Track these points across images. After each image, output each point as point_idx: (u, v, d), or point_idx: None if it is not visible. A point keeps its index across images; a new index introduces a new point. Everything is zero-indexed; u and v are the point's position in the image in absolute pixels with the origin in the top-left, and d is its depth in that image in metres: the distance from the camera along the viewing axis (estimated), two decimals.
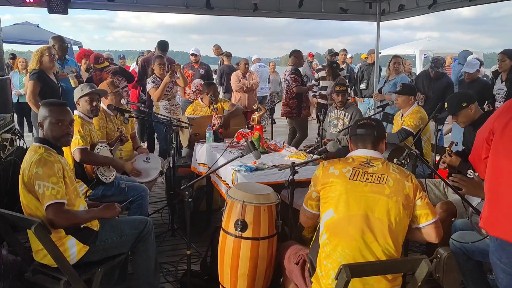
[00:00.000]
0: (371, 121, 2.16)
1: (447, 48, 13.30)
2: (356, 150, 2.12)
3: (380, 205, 1.92)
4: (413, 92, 4.18)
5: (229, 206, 2.42)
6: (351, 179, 1.96)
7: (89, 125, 3.28)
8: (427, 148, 4.12)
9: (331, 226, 1.97)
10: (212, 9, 6.22)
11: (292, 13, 6.98)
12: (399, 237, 1.93)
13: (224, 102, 5.03)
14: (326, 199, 2.00)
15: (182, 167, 4.26)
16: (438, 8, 6.18)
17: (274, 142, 3.98)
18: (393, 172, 1.98)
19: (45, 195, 2.14)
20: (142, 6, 6.16)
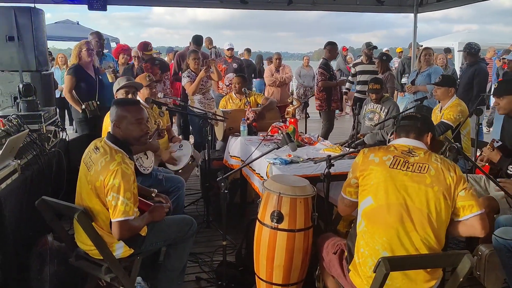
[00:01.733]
0: (417, 114, 2.14)
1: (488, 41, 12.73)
2: (399, 139, 2.08)
3: (420, 195, 1.87)
4: (453, 83, 4.04)
5: (265, 198, 2.43)
6: (391, 167, 1.93)
7: None
8: (466, 143, 3.98)
9: (369, 213, 1.95)
10: (246, 3, 6.24)
11: (327, 5, 6.91)
12: (440, 228, 1.88)
13: (258, 96, 5.05)
14: (365, 186, 1.98)
15: (216, 160, 4.31)
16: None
17: (308, 136, 3.95)
18: (435, 161, 1.93)
19: (118, 209, 2.13)
20: (177, 1, 6.28)
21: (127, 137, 2.35)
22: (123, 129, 2.33)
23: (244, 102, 4.70)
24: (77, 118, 4.56)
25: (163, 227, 2.50)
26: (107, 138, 2.34)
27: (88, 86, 4.44)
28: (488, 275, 2.70)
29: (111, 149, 2.26)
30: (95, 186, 2.19)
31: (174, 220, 2.64)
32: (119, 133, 2.33)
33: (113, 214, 2.15)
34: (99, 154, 2.24)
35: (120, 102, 2.45)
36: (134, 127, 2.34)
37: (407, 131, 2.06)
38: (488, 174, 2.68)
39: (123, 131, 2.33)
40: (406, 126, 2.08)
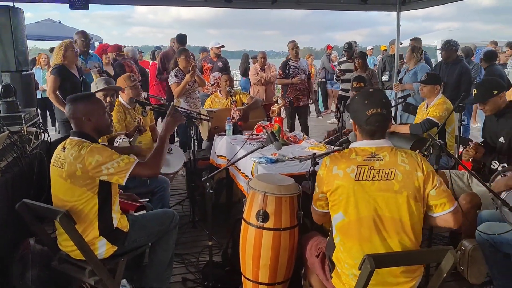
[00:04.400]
0: (381, 109, 1.89)
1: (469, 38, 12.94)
2: (361, 141, 1.96)
3: (389, 203, 1.84)
4: (438, 81, 4.08)
5: (251, 197, 2.42)
6: (357, 179, 1.85)
7: None
8: (451, 140, 4.03)
9: (343, 229, 1.91)
10: (230, 2, 6.21)
11: (311, 4, 6.93)
12: (415, 228, 1.87)
13: (243, 95, 5.03)
14: (334, 201, 1.92)
15: (202, 159, 4.29)
16: None
17: (293, 134, 3.96)
18: (402, 163, 1.86)
19: (121, 167, 2.21)
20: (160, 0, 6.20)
21: (100, 127, 2.41)
22: (95, 120, 2.37)
23: (230, 101, 4.68)
24: (61, 119, 4.48)
25: (144, 223, 2.54)
26: (71, 135, 2.37)
27: (73, 86, 4.36)
28: (471, 269, 2.74)
29: (78, 141, 2.30)
30: (76, 176, 2.20)
31: (155, 214, 2.69)
32: (90, 126, 2.36)
33: (122, 174, 2.21)
34: (67, 150, 2.27)
35: (83, 97, 2.48)
36: (104, 117, 2.43)
37: (373, 132, 1.92)
38: (470, 170, 2.71)
39: (95, 122, 2.38)
40: (372, 127, 1.91)
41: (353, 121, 2.02)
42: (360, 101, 1.94)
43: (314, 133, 8.21)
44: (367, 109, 1.89)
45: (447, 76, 5.38)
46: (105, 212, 2.31)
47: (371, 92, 1.99)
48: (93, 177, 2.21)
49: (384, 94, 2.03)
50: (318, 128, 9.16)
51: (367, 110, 1.89)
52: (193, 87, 5.31)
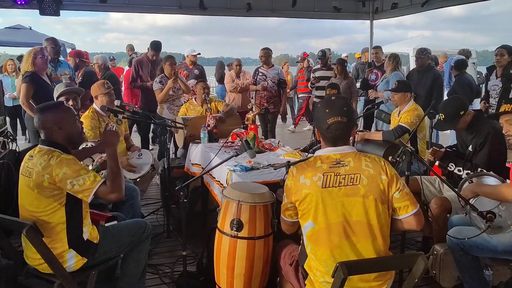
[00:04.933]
0: (341, 117, 1.90)
1: (440, 47, 13.31)
2: (325, 149, 1.98)
3: (357, 207, 1.86)
4: (409, 88, 4.17)
5: (225, 206, 2.40)
6: (324, 187, 1.86)
7: None
8: (422, 146, 4.12)
9: (313, 237, 1.92)
10: (205, 9, 6.23)
11: (286, 12, 7.01)
12: (383, 230, 1.90)
13: (219, 102, 5.02)
14: (303, 211, 1.92)
15: (177, 168, 4.24)
16: (431, 6, 6.23)
17: (269, 142, 3.97)
18: (366, 168, 1.89)
19: (86, 185, 2.14)
20: (134, 6, 6.17)
21: (71, 136, 2.35)
22: (66, 129, 2.31)
23: (205, 108, 4.66)
24: (33, 127, 4.35)
25: (115, 233, 2.48)
26: (40, 144, 2.30)
27: (46, 94, 4.24)
28: (443, 273, 2.79)
29: (48, 150, 2.24)
30: (43, 187, 2.14)
31: (126, 225, 2.63)
32: (61, 135, 2.30)
33: (86, 192, 2.15)
34: (36, 159, 2.20)
35: (52, 106, 2.42)
36: (75, 124, 2.39)
37: (335, 140, 1.94)
38: (440, 176, 2.77)
39: (66, 131, 2.32)
40: (333, 135, 1.93)
41: (317, 129, 2.04)
42: (321, 109, 1.96)
43: (290, 140, 8.27)
44: (328, 117, 1.92)
45: (421, 84, 5.52)
46: (74, 225, 2.24)
47: (333, 100, 2.01)
48: (60, 188, 2.15)
49: (346, 102, 2.04)
50: (294, 135, 9.23)
51: (327, 118, 1.92)
52: (177, 94, 5.32)
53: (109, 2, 5.87)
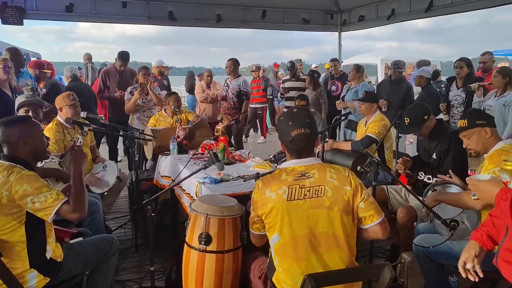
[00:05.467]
0: (304, 129, 1.93)
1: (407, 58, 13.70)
2: (290, 161, 2.00)
3: (322, 219, 1.88)
4: (375, 99, 4.28)
5: (193, 220, 2.37)
6: (289, 199, 1.87)
7: None
8: (389, 155, 4.21)
9: (279, 250, 1.93)
10: (174, 20, 6.21)
11: (256, 24, 7.07)
12: (348, 240, 1.92)
13: (189, 113, 4.99)
14: (270, 224, 1.93)
15: (145, 180, 4.17)
16: (396, 20, 6.42)
17: (239, 153, 3.96)
18: (331, 179, 1.91)
19: (48, 203, 2.05)
20: (102, 16, 6.07)
21: (36, 152, 2.27)
22: (32, 144, 2.23)
23: (175, 119, 4.62)
24: None
25: (81, 250, 2.40)
26: (1, 159, 2.21)
27: (6, 106, 4.09)
28: (410, 281, 2.84)
29: (8, 165, 2.13)
30: (1, 204, 2.04)
31: (92, 241, 2.54)
32: (26, 150, 2.21)
33: (47, 210, 2.06)
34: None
35: (19, 120, 2.35)
36: (42, 140, 2.32)
37: (299, 152, 1.96)
38: (405, 185, 2.83)
39: (32, 146, 2.23)
40: (298, 147, 1.95)
41: (281, 142, 2.06)
42: (284, 122, 1.98)
43: (261, 150, 8.30)
44: (291, 129, 1.94)
45: (394, 94, 5.66)
46: (36, 244, 2.15)
47: (295, 112, 2.04)
48: (20, 206, 2.06)
49: (308, 113, 2.07)
50: (266, 145, 9.26)
51: (291, 131, 1.94)
52: (147, 105, 5.24)
53: (75, 12, 5.76)
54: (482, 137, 2.54)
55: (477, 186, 1.65)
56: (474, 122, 2.56)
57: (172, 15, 6.18)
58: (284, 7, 7.05)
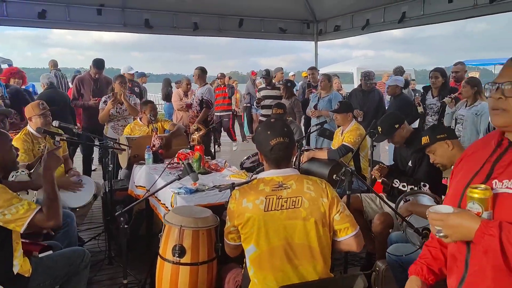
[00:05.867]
0: (283, 138, 1.95)
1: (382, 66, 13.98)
2: (268, 171, 2.00)
3: (298, 230, 1.89)
4: (350, 109, 4.34)
5: (166, 232, 2.33)
6: (266, 210, 1.87)
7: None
8: (364, 164, 4.26)
9: (255, 260, 1.92)
10: (151, 28, 6.16)
11: (233, 32, 7.09)
12: (323, 252, 1.93)
13: (165, 122, 4.94)
14: (246, 234, 1.93)
15: (120, 190, 4.09)
16: (370, 30, 6.54)
17: (215, 162, 3.93)
18: (308, 190, 1.93)
19: (19, 214, 2.00)
20: (76, 23, 5.97)
21: (5, 163, 2.24)
22: (0, 156, 2.20)
23: (151, 128, 4.56)
24: None
25: (50, 264, 2.33)
26: None
27: None
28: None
29: None
30: None
31: (62, 254, 2.48)
32: None
33: (20, 222, 2.00)
34: None
35: None
36: (11, 151, 2.28)
37: (278, 162, 1.97)
38: (379, 194, 2.87)
39: (1, 158, 2.20)
40: (277, 156, 1.96)
41: (259, 152, 2.06)
42: (263, 132, 2.00)
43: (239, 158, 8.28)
44: (270, 139, 1.95)
45: (366, 104, 5.74)
46: (1, 258, 2.08)
47: (273, 122, 2.06)
48: None
49: (285, 123, 2.11)
50: (244, 153, 9.24)
51: (270, 140, 1.95)
52: (122, 115, 5.16)
53: (48, 18, 5.64)
54: (446, 150, 2.63)
55: (446, 221, 1.29)
56: (435, 137, 2.65)
57: (148, 22, 6.13)
58: (261, 16, 7.10)
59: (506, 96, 1.28)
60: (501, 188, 1.29)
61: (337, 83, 8.65)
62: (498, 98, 1.29)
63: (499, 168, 1.32)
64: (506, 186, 1.28)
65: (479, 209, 1.28)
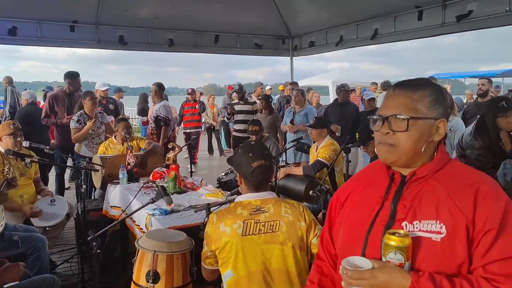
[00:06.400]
0: (265, 160, 1.98)
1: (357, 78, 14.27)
2: (246, 195, 2.01)
3: (276, 254, 1.89)
4: (325, 125, 4.40)
5: (140, 257, 2.29)
6: (244, 235, 1.87)
7: None
8: (340, 179, 4.31)
9: (233, 286, 1.91)
10: (125, 44, 6.11)
11: (209, 48, 7.11)
12: (301, 277, 1.93)
13: (140, 140, 4.88)
14: (223, 259, 1.92)
15: (94, 210, 4.00)
16: (344, 46, 6.68)
17: (191, 181, 3.90)
18: (285, 214, 1.93)
19: None
20: (48, 40, 5.86)
21: None
22: None
23: (126, 147, 4.50)
24: None
25: None
26: None
27: None
28: None
29: None
30: None
31: (30, 283, 2.40)
32: None
33: None
34: None
35: None
36: None
37: (259, 184, 1.98)
38: None
39: None
40: (259, 179, 1.97)
41: (239, 175, 2.05)
42: (244, 154, 2.01)
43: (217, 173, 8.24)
44: (252, 161, 1.97)
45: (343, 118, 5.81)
46: None
47: (253, 144, 2.11)
48: None
49: (264, 146, 2.15)
50: (221, 168, 9.22)
51: (252, 162, 1.97)
52: (97, 132, 5.07)
53: (19, 35, 5.53)
54: None
55: (371, 280, 1.07)
56: None
57: (122, 39, 6.08)
58: (236, 32, 7.16)
59: (394, 131, 1.18)
60: (414, 232, 1.14)
61: (317, 96, 8.74)
62: (386, 133, 1.19)
63: (403, 208, 1.18)
64: (419, 229, 1.14)
65: (401, 259, 1.09)
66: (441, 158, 1.23)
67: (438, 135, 1.21)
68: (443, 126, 1.21)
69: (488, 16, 4.56)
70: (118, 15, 5.89)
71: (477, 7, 4.61)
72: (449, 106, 1.28)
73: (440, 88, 1.25)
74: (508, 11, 4.32)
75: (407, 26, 5.54)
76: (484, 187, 1.14)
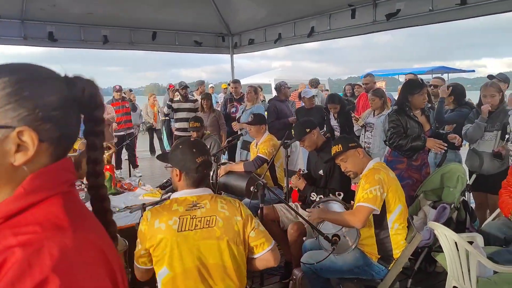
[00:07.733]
0: (207, 156, 2.01)
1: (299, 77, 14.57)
2: (182, 191, 1.98)
3: (212, 250, 1.88)
4: (263, 121, 4.44)
5: None
6: (180, 230, 1.84)
7: None
8: (280, 173, 4.36)
9: (168, 284, 1.86)
10: (55, 41, 5.77)
11: (146, 45, 6.92)
12: (238, 271, 1.93)
13: (76, 141, 4.64)
14: (158, 257, 1.87)
15: None
16: (282, 43, 6.78)
17: (128, 181, 3.78)
18: (222, 210, 1.93)
19: None
20: None
21: None
22: None
23: None
24: None
25: None
26: None
27: None
28: None
29: None
30: None
31: None
32: None
33: None
34: None
35: None
36: None
37: (201, 180, 1.99)
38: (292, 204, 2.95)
39: None
40: (202, 175, 1.98)
41: (179, 170, 2.00)
42: (187, 149, 1.98)
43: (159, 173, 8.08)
44: (196, 156, 1.95)
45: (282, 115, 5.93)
46: None
47: (194, 141, 2.08)
48: None
49: (203, 143, 2.16)
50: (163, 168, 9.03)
51: (196, 157, 1.94)
52: None
53: None
54: (357, 158, 2.78)
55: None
56: (348, 145, 2.79)
57: (52, 35, 5.73)
58: (175, 29, 7.02)
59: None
60: None
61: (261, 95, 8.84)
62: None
63: None
64: None
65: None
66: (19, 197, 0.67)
67: (22, 154, 0.68)
68: (29, 139, 0.68)
69: (414, 15, 4.83)
70: (45, 9, 5.55)
71: (405, 6, 4.86)
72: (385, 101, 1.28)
73: (37, 76, 0.72)
74: (432, 10, 4.59)
75: (341, 24, 5.72)
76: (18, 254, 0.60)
